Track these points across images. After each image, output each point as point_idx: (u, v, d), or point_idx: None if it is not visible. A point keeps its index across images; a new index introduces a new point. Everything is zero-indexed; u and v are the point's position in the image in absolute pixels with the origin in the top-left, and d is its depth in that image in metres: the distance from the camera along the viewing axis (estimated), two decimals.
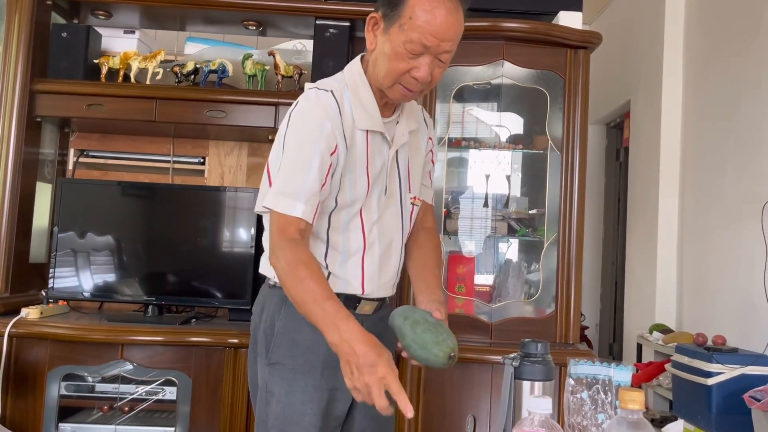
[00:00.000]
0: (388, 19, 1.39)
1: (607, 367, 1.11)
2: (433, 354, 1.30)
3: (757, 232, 2.77)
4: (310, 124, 1.39)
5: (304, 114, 1.42)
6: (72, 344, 2.54)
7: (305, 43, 3.13)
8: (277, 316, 1.47)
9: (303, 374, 1.44)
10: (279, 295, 1.46)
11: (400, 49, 1.37)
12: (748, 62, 3.05)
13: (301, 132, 1.40)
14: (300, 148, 1.38)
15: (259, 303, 1.56)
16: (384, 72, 1.41)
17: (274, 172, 1.43)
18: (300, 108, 1.43)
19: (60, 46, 2.84)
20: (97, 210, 2.90)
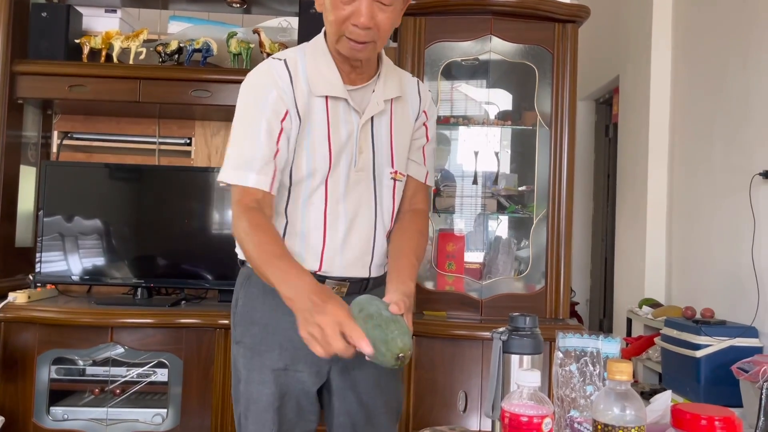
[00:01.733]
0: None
1: (595, 340, 1.11)
2: (380, 353, 1.16)
3: (745, 206, 2.78)
4: (255, 94, 1.38)
5: (248, 86, 1.40)
6: (61, 328, 2.53)
7: (290, 21, 3.08)
8: (239, 295, 1.46)
9: (259, 354, 1.41)
10: (244, 274, 1.46)
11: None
12: (735, 36, 3.04)
13: (248, 104, 1.38)
14: (246, 118, 1.37)
15: (238, 282, 1.52)
16: (328, 27, 1.38)
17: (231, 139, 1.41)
18: (246, 81, 1.42)
19: (40, 26, 2.79)
20: (83, 193, 2.87)
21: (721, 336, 2.63)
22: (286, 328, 1.34)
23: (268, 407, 1.39)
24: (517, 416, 0.95)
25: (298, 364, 1.39)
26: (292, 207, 1.41)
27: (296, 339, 1.21)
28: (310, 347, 1.17)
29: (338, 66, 1.41)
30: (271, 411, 1.39)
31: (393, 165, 1.48)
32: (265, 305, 1.39)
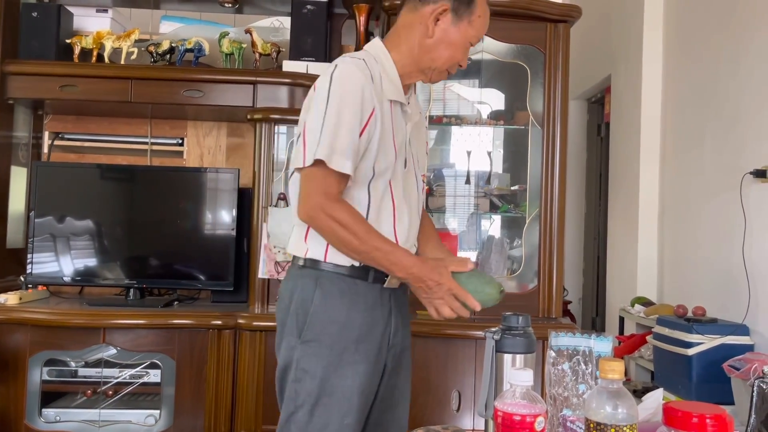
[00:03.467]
0: (458, 13, 1.51)
1: (588, 339, 1.12)
2: (486, 294, 1.42)
3: (736, 204, 2.80)
4: (353, 85, 1.43)
5: (346, 76, 1.44)
6: (53, 329, 2.52)
7: (283, 21, 3.08)
8: (310, 296, 1.48)
9: (339, 351, 1.46)
10: (311, 275, 1.49)
11: (466, 42, 1.53)
12: (727, 36, 3.06)
13: (346, 93, 1.42)
14: (344, 108, 1.41)
15: (289, 285, 1.54)
16: (444, 58, 1.53)
17: (314, 131, 1.41)
18: (342, 71, 1.45)
19: (30, 25, 2.78)
20: (74, 193, 2.86)
21: (712, 334, 2.64)
22: (360, 324, 1.46)
23: (345, 401, 1.45)
24: (510, 415, 0.95)
25: (371, 358, 1.49)
26: (373, 203, 1.49)
27: (368, 335, 1.44)
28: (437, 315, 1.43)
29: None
30: (348, 402, 1.45)
31: (424, 168, 1.66)
32: (343, 304, 1.46)
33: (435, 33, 1.51)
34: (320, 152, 1.38)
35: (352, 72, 1.44)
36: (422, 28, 1.51)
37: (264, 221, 2.72)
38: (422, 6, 1.51)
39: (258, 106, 2.77)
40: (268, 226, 2.70)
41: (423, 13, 1.51)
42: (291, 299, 1.51)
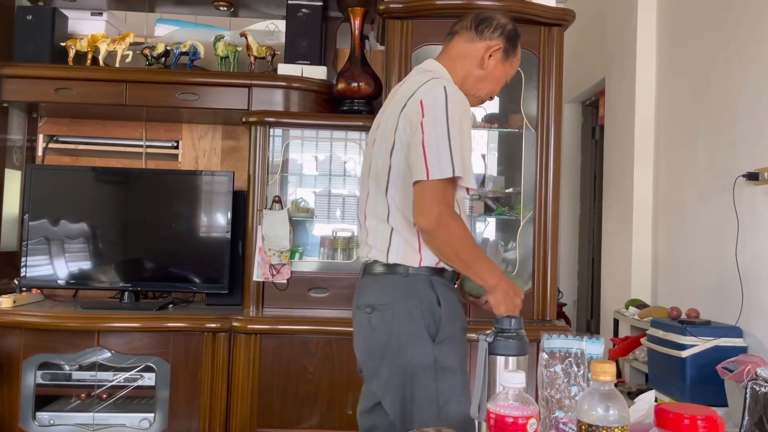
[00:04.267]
0: (507, 53, 1.72)
1: (580, 341, 1.12)
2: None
3: (729, 207, 2.81)
4: (463, 108, 1.59)
5: (459, 99, 1.59)
6: (47, 332, 2.52)
7: (277, 24, 3.09)
8: (435, 299, 1.61)
9: (462, 343, 1.64)
10: (425, 280, 1.61)
11: (504, 78, 1.76)
12: (719, 39, 3.08)
13: (463, 114, 1.58)
14: (464, 129, 1.57)
15: (393, 293, 1.61)
16: (488, 89, 1.74)
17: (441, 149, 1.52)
18: (452, 92, 1.58)
19: (25, 28, 2.78)
20: (69, 196, 2.85)
21: (706, 336, 2.66)
22: (463, 316, 1.67)
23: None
24: (502, 417, 0.95)
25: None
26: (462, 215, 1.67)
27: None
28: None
29: None
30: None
31: None
32: (456, 302, 1.66)
33: (488, 66, 1.70)
34: (458, 170, 1.52)
35: (462, 96, 1.60)
36: (477, 60, 1.69)
37: (259, 224, 2.72)
38: (479, 40, 1.69)
39: (253, 109, 2.78)
40: (263, 229, 2.70)
41: (479, 46, 1.69)
42: (405, 306, 1.59)
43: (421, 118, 1.54)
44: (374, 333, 1.61)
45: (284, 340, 2.55)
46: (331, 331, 2.55)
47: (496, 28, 1.71)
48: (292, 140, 2.86)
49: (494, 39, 1.70)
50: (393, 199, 1.62)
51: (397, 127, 1.60)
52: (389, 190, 1.62)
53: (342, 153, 2.91)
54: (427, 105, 1.54)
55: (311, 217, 2.91)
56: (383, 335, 1.60)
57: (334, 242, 2.86)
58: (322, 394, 2.54)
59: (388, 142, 1.62)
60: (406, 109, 1.59)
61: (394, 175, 1.61)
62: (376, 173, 1.65)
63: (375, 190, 1.66)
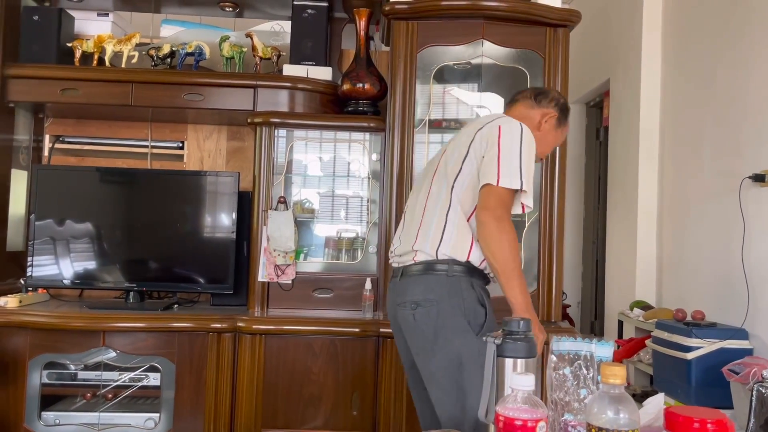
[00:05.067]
0: (559, 121, 1.99)
1: (589, 343, 1.12)
2: None
3: (734, 208, 2.81)
4: (534, 146, 1.84)
5: (531, 136, 1.84)
6: (53, 332, 2.52)
7: (283, 25, 3.09)
8: (476, 297, 1.79)
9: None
10: (466, 281, 1.79)
11: (553, 144, 2.02)
12: (725, 40, 3.07)
13: (532, 151, 1.82)
14: (531, 159, 1.81)
15: (437, 291, 1.78)
16: (539, 151, 1.92)
17: (512, 164, 1.76)
18: (528, 130, 1.84)
19: (31, 29, 2.78)
20: (74, 197, 2.86)
21: (711, 338, 2.65)
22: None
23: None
24: (511, 420, 0.95)
25: None
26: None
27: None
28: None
29: None
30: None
31: None
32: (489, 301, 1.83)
33: (542, 130, 1.95)
34: (525, 185, 1.75)
35: (533, 136, 1.85)
36: (535, 123, 1.93)
37: (264, 224, 2.72)
38: (538, 106, 1.96)
39: (258, 109, 2.78)
40: (267, 230, 2.71)
41: (537, 112, 1.95)
42: (450, 302, 1.75)
43: (498, 138, 1.78)
44: (419, 328, 1.77)
45: (289, 341, 2.55)
46: (336, 332, 2.55)
47: (551, 99, 1.98)
48: (297, 141, 2.86)
49: (550, 108, 1.96)
50: (457, 195, 1.82)
51: (473, 140, 1.83)
52: (455, 188, 1.82)
53: (346, 154, 2.91)
54: (504, 129, 1.80)
55: (316, 218, 2.91)
56: (429, 330, 1.76)
57: (338, 243, 2.86)
58: (326, 395, 2.54)
59: (461, 152, 1.85)
60: (484, 129, 1.84)
61: (461, 178, 1.82)
62: (445, 173, 1.86)
63: (440, 187, 1.86)
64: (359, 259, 2.83)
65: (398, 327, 1.88)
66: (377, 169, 2.83)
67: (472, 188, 1.81)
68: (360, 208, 2.91)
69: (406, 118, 2.66)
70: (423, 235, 1.84)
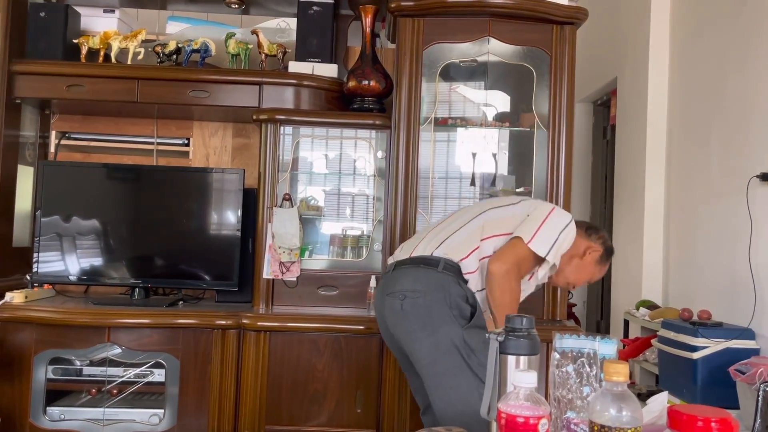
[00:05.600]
0: (602, 258, 2.11)
1: (592, 341, 1.11)
2: None
3: (742, 208, 2.79)
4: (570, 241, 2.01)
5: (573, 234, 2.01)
6: (58, 328, 2.53)
7: (289, 22, 3.09)
8: (465, 294, 1.92)
9: (485, 331, 1.85)
10: (454, 278, 1.91)
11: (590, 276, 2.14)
12: (733, 39, 3.05)
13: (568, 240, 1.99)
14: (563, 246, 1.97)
15: (425, 283, 1.90)
16: (573, 278, 2.12)
17: (549, 236, 1.93)
18: (572, 228, 2.01)
19: (38, 25, 2.79)
20: (80, 193, 2.87)
21: (718, 338, 2.63)
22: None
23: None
24: (513, 417, 0.95)
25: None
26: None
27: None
28: None
29: None
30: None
31: None
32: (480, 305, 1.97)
33: (585, 259, 2.08)
34: (550, 257, 1.92)
35: (573, 236, 2.01)
36: (580, 251, 2.07)
37: (269, 221, 2.72)
38: (587, 238, 2.10)
39: (264, 106, 2.78)
40: (273, 227, 2.71)
41: (585, 242, 2.09)
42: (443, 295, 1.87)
43: (549, 213, 1.97)
44: (405, 317, 1.87)
45: (293, 338, 2.55)
46: (341, 329, 2.55)
47: (600, 237, 2.13)
48: (302, 138, 2.86)
49: (597, 243, 2.10)
50: (495, 233, 1.97)
51: (528, 200, 2.11)
52: (499, 230, 1.98)
53: (352, 151, 2.91)
54: (557, 211, 2.01)
55: (321, 216, 2.91)
56: (415, 319, 1.86)
57: (343, 240, 2.86)
58: (330, 392, 2.54)
59: (513, 200, 2.10)
60: (536, 200, 2.14)
61: (508, 223, 1.98)
62: (498, 213, 2.03)
63: (488, 217, 2.01)
64: (364, 257, 2.83)
65: (383, 319, 1.97)
66: (383, 166, 2.82)
67: (506, 237, 1.97)
68: (365, 206, 2.91)
69: (411, 115, 2.65)
70: (452, 241, 1.98)
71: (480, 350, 1.83)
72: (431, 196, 2.76)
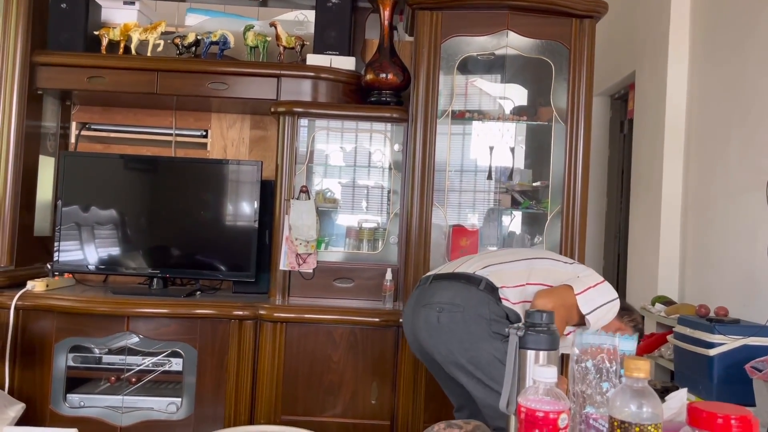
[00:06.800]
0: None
1: (612, 337, 1.12)
2: None
3: (760, 204, 2.76)
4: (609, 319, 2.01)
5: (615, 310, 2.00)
6: (78, 316, 2.56)
7: (307, 14, 3.09)
8: (504, 312, 1.90)
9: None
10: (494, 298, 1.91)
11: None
12: (754, 32, 3.01)
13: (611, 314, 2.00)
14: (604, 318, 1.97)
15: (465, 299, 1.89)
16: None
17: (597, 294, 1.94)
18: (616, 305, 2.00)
19: (59, 17, 2.82)
20: (100, 183, 2.90)
21: (734, 335, 2.62)
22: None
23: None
24: (533, 411, 0.95)
25: None
26: None
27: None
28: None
29: None
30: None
31: None
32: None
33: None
34: (590, 320, 1.89)
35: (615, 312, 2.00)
36: (611, 330, 1.97)
37: (286, 213, 2.74)
38: (620, 320, 2.08)
39: (282, 99, 2.79)
40: (290, 219, 2.72)
41: (618, 323, 2.07)
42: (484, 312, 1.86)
43: (600, 281, 1.98)
44: (443, 330, 1.85)
45: (309, 329, 2.57)
46: (356, 321, 2.56)
47: (632, 320, 2.13)
48: (319, 131, 2.87)
49: (628, 326, 2.11)
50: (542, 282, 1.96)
51: (578, 264, 2.12)
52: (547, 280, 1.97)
53: (368, 144, 2.91)
54: (604, 284, 2.00)
55: (337, 208, 2.92)
56: (453, 334, 1.84)
57: (359, 233, 2.87)
58: (346, 384, 2.56)
59: (568, 260, 2.13)
60: (589, 268, 2.09)
61: (557, 276, 1.97)
62: (551, 264, 2.04)
63: (541, 265, 2.01)
64: (380, 250, 2.84)
65: (414, 331, 1.95)
66: (399, 159, 2.83)
67: (551, 288, 1.95)
68: (381, 199, 2.92)
69: (429, 108, 2.65)
70: (499, 270, 1.97)
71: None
72: (447, 190, 2.76)
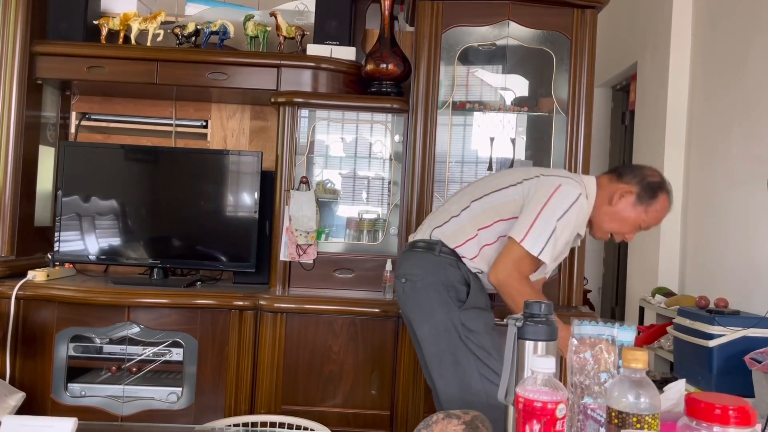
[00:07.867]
0: (640, 198, 1.93)
1: (611, 327, 1.12)
2: None
3: (762, 195, 2.76)
4: (581, 220, 1.92)
5: (580, 211, 1.89)
6: (79, 306, 2.57)
7: (307, 4, 3.08)
8: (462, 276, 1.93)
9: (487, 312, 1.95)
10: (453, 261, 1.94)
11: (636, 223, 1.96)
12: (756, 22, 3.00)
13: (575, 226, 1.90)
14: (566, 233, 1.88)
15: (423, 267, 1.94)
16: (615, 228, 1.97)
17: (541, 232, 1.84)
18: (581, 204, 1.89)
19: (59, 6, 2.81)
20: (100, 173, 2.90)
21: (734, 326, 2.62)
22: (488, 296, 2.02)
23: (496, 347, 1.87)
24: (531, 402, 0.96)
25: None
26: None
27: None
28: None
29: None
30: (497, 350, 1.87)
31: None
32: (481, 286, 1.98)
33: (616, 205, 1.93)
34: (544, 257, 1.83)
35: (585, 210, 1.91)
36: (609, 197, 1.94)
37: (286, 204, 2.74)
38: (617, 181, 1.95)
39: (282, 89, 2.78)
40: (290, 209, 2.72)
41: (615, 186, 1.95)
42: (439, 279, 1.90)
43: (551, 194, 1.85)
44: (408, 300, 1.95)
45: (310, 320, 2.58)
46: (356, 312, 2.57)
47: (636, 175, 1.95)
48: (319, 121, 2.87)
49: (630, 184, 1.93)
50: (490, 222, 1.94)
51: (532, 178, 1.94)
52: (498, 216, 1.93)
53: (369, 135, 2.91)
54: (559, 193, 1.86)
55: (337, 199, 2.92)
56: (414, 302, 1.92)
57: (359, 224, 2.87)
58: (346, 374, 2.57)
59: (514, 178, 1.98)
60: (547, 176, 1.94)
61: (505, 209, 1.93)
62: (495, 198, 1.96)
63: (484, 206, 1.96)
64: (380, 241, 2.84)
65: (398, 301, 2.06)
66: (399, 150, 2.82)
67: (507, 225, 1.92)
68: (381, 190, 2.92)
69: (429, 99, 2.65)
70: (450, 225, 1.99)
71: (478, 331, 1.88)
72: (447, 181, 2.76)
